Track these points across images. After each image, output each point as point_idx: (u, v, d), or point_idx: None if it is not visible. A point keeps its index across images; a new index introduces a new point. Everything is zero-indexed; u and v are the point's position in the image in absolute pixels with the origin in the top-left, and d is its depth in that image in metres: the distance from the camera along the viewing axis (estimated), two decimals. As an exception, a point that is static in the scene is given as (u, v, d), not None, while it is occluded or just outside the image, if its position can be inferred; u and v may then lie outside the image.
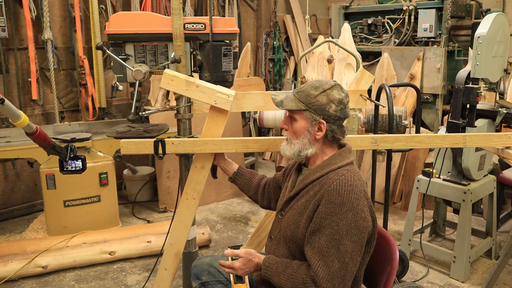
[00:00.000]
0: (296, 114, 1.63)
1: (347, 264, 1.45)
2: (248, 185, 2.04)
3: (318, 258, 1.46)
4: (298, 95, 1.62)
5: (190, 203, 2.08)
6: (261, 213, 4.05)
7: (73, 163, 2.13)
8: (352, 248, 1.46)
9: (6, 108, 1.73)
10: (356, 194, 1.48)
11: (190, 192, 2.07)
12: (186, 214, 2.09)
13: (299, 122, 1.62)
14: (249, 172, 2.07)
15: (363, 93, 2.25)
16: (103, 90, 4.08)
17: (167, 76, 1.93)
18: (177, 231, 2.10)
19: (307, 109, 1.60)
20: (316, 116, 1.59)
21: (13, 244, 3.12)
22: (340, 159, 1.60)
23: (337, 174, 1.54)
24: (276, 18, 5.94)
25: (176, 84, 1.94)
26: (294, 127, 1.63)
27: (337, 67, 4.03)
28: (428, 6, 4.49)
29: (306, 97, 1.60)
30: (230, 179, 2.08)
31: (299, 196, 1.63)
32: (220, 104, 1.92)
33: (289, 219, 1.61)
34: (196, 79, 1.99)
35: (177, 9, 2.01)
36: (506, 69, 2.82)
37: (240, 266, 1.60)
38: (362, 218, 1.48)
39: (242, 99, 2.16)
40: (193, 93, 1.93)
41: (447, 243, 3.40)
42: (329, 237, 1.46)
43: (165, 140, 1.97)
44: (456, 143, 2.15)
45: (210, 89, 1.93)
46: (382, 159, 4.10)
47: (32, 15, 3.68)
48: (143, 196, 4.28)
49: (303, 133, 1.61)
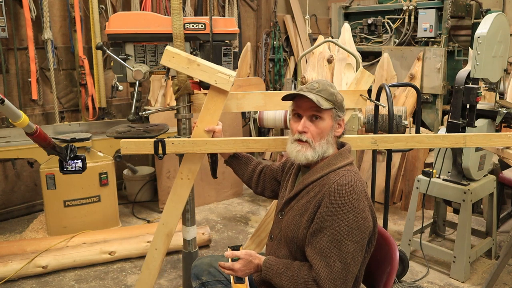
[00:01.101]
0: (324, 113, 1.59)
1: (348, 264, 1.45)
2: (243, 170, 2.04)
3: (320, 259, 1.46)
4: (322, 93, 1.58)
5: (185, 183, 2.07)
6: (261, 213, 4.05)
7: (73, 163, 2.13)
8: (354, 249, 1.46)
9: (6, 108, 1.73)
10: (357, 195, 1.48)
11: (185, 172, 2.06)
12: (180, 194, 2.08)
13: (326, 121, 1.59)
14: (246, 156, 2.06)
15: (363, 93, 2.25)
16: (103, 90, 4.08)
17: (168, 53, 1.91)
18: (170, 210, 2.08)
19: (334, 107, 1.60)
20: (340, 113, 1.61)
21: (13, 244, 3.12)
22: (341, 159, 1.60)
23: (337, 175, 1.53)
24: (276, 18, 5.94)
25: (177, 61, 1.92)
26: (321, 127, 1.59)
27: (337, 67, 4.03)
28: (428, 6, 4.49)
29: (330, 95, 1.59)
30: (225, 162, 2.08)
31: (299, 196, 1.63)
32: (221, 84, 1.91)
33: (290, 220, 1.61)
34: (198, 58, 1.97)
35: (177, 9, 2.01)
36: (506, 69, 2.82)
37: (240, 267, 1.59)
38: (363, 218, 1.48)
39: (242, 99, 2.16)
40: (194, 71, 1.91)
41: (447, 243, 3.40)
42: (331, 238, 1.46)
43: (165, 140, 1.96)
44: (456, 143, 2.15)
45: (211, 68, 1.91)
46: (382, 159, 4.10)
47: (32, 15, 3.68)
48: (143, 196, 4.28)
49: (329, 132, 1.60)
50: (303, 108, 1.60)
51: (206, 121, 1.99)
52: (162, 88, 4.33)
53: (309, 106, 1.58)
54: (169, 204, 2.10)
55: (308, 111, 1.59)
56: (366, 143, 2.11)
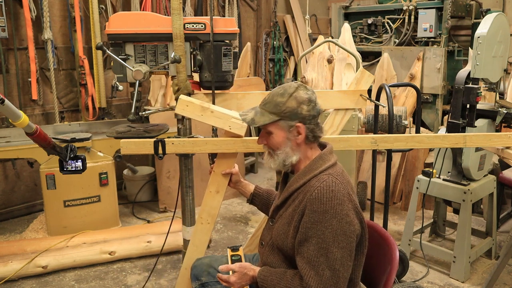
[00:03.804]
0: (270, 127, 1.59)
1: (338, 271, 1.44)
2: (266, 205, 1.99)
3: (309, 268, 1.45)
4: (266, 107, 1.58)
5: (205, 227, 2.07)
6: (261, 213, 4.04)
7: (73, 163, 2.13)
8: (341, 255, 1.44)
9: (6, 108, 1.73)
10: (338, 199, 1.46)
11: (205, 216, 2.06)
12: (201, 239, 2.08)
13: (275, 133, 1.59)
14: (266, 191, 2.02)
15: (363, 93, 2.25)
16: (103, 90, 4.08)
17: (182, 102, 1.95)
18: (192, 256, 2.06)
19: (280, 119, 1.56)
20: (291, 122, 1.56)
21: (13, 244, 3.12)
22: (321, 163, 1.57)
23: (318, 181, 1.50)
24: (276, 18, 5.94)
25: (191, 110, 1.95)
26: (272, 140, 1.60)
27: (337, 67, 4.03)
28: (428, 6, 4.49)
29: (275, 106, 1.56)
30: (248, 201, 2.05)
31: (286, 204, 1.61)
32: (235, 129, 1.94)
33: (279, 228, 1.60)
34: (211, 104, 2.00)
35: (177, 9, 2.01)
36: (506, 69, 2.82)
37: (236, 280, 1.59)
38: (347, 223, 1.45)
39: (242, 99, 2.17)
40: (208, 118, 1.94)
41: (447, 243, 3.40)
42: (317, 246, 1.44)
43: (165, 140, 1.97)
44: (456, 143, 2.15)
45: (225, 114, 1.94)
46: (382, 159, 4.10)
47: (32, 15, 3.67)
48: (143, 196, 4.28)
49: (284, 142, 1.58)
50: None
51: (223, 166, 2.00)
52: (162, 88, 4.33)
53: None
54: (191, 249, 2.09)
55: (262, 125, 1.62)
56: (366, 143, 2.11)
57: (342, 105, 2.28)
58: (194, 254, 2.07)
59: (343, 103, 2.28)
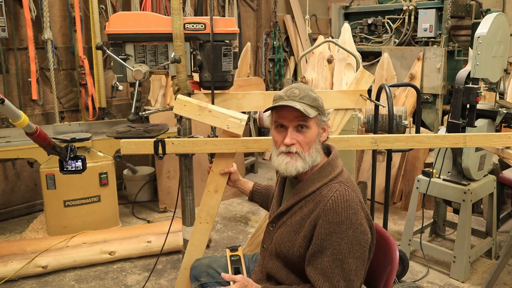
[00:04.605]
0: (310, 122, 1.49)
1: (352, 281, 1.42)
2: (266, 201, 1.99)
3: (323, 280, 1.42)
4: (306, 100, 1.48)
5: (204, 227, 2.06)
6: (261, 213, 4.05)
7: (73, 163, 2.13)
8: (356, 265, 1.42)
9: (6, 108, 1.73)
10: (353, 209, 1.43)
11: (204, 216, 2.05)
12: (200, 239, 2.07)
13: (313, 129, 1.50)
14: (265, 187, 2.01)
15: (363, 93, 2.26)
16: (103, 90, 4.08)
17: (180, 102, 1.95)
18: (192, 256, 2.06)
19: (319, 113, 1.51)
20: (323, 117, 1.53)
21: (13, 244, 3.12)
22: (330, 170, 1.53)
23: (330, 190, 1.46)
24: (276, 18, 5.94)
25: (189, 110, 1.95)
26: (308, 137, 1.49)
27: (337, 67, 4.03)
28: (428, 6, 4.49)
29: (314, 101, 1.49)
30: (248, 199, 2.04)
31: (291, 211, 1.56)
32: (233, 128, 1.93)
33: (283, 235, 1.55)
34: (209, 104, 2.00)
35: (177, 9, 2.01)
36: (506, 69, 2.82)
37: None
38: (361, 232, 1.43)
39: (242, 99, 2.17)
40: (206, 118, 1.95)
41: (447, 243, 3.40)
42: (332, 257, 1.41)
43: (165, 140, 1.97)
44: (456, 143, 2.15)
45: (223, 113, 1.93)
46: (382, 159, 4.10)
47: (32, 15, 3.67)
48: (143, 196, 4.28)
49: (315, 140, 1.51)
50: (288, 118, 1.49)
51: (221, 166, 2.00)
52: (162, 88, 4.33)
53: (295, 116, 1.48)
54: (190, 249, 2.08)
55: (294, 121, 1.49)
56: (366, 143, 2.11)
57: (342, 105, 2.28)
58: (193, 254, 2.06)
59: (343, 103, 2.28)
